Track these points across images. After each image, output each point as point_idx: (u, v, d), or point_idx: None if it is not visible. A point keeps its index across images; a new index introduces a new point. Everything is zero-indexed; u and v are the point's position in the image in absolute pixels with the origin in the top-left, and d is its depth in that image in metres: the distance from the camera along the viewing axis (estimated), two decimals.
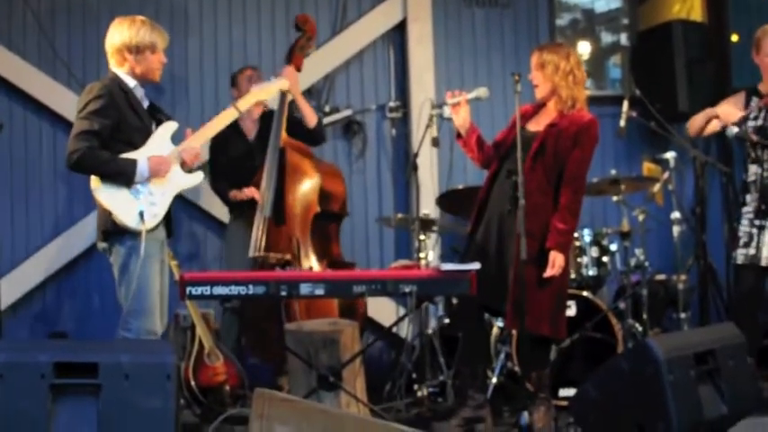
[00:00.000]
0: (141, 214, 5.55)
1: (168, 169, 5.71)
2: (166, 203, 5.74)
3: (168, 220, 5.89)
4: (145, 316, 5.60)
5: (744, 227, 6.39)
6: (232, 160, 7.43)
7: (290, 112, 7.39)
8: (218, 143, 7.35)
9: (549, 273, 5.83)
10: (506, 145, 6.12)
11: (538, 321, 5.83)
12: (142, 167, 5.59)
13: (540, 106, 6.20)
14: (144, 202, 5.61)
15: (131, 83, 5.78)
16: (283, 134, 7.21)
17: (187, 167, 5.85)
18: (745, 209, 6.43)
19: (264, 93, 6.39)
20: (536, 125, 6.11)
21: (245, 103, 6.21)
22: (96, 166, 5.55)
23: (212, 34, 8.61)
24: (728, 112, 6.30)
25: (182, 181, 5.83)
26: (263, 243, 6.89)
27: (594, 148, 6.07)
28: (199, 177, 5.95)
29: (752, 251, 6.27)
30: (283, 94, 7.26)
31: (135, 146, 5.69)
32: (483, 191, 6.20)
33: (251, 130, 7.52)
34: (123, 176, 5.57)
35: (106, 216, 5.63)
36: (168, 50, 7.51)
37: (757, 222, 6.30)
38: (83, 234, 7.97)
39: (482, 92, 6.15)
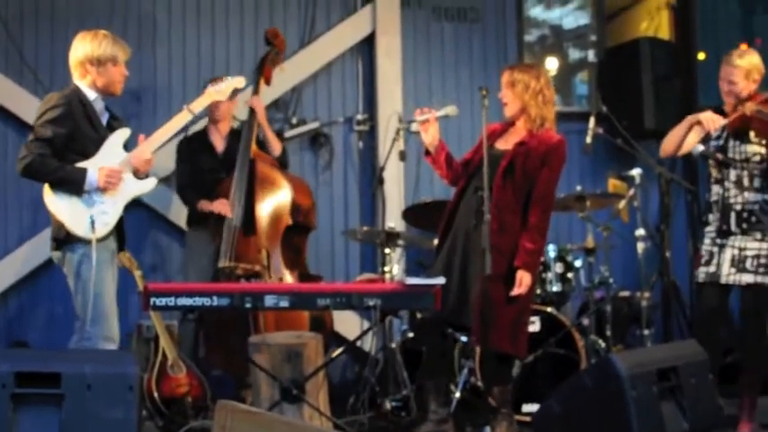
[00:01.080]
0: (92, 222, 5.62)
1: (119, 180, 5.76)
2: (118, 212, 5.79)
3: (120, 232, 5.94)
4: (101, 322, 5.66)
5: (706, 246, 6.43)
6: (199, 172, 7.42)
7: (257, 134, 7.43)
8: (185, 154, 7.35)
9: (516, 291, 5.82)
10: (475, 163, 6.11)
11: (501, 339, 5.84)
12: (91, 177, 5.66)
13: (508, 125, 6.21)
14: (95, 210, 5.68)
15: (92, 95, 5.86)
16: (253, 146, 7.23)
17: (140, 174, 5.90)
18: (707, 228, 6.47)
19: (219, 93, 6.36)
20: (505, 144, 6.11)
21: (198, 105, 6.24)
22: (45, 174, 5.63)
23: (181, 44, 8.59)
24: (712, 118, 6.29)
25: (134, 188, 5.89)
26: (233, 253, 6.90)
27: (562, 168, 6.09)
28: (152, 183, 5.99)
29: (712, 269, 6.30)
30: (252, 117, 7.29)
31: (89, 157, 5.76)
32: (450, 206, 6.20)
33: (219, 145, 7.50)
34: (72, 185, 5.65)
35: (58, 225, 5.71)
36: (136, 60, 7.51)
37: (718, 241, 6.33)
38: (45, 243, 7.88)
39: (451, 110, 6.15)
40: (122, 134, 5.93)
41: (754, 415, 6.31)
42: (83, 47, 5.87)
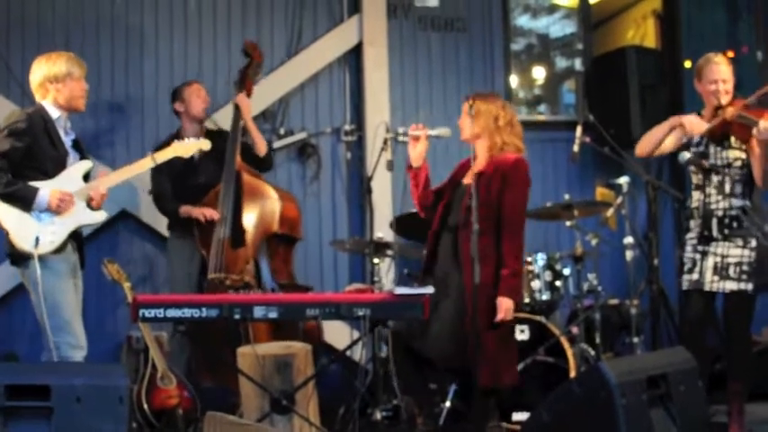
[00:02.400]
0: (37, 239, 5.79)
1: (69, 206, 5.92)
2: (64, 234, 5.92)
3: (80, 251, 6.15)
4: (65, 331, 5.82)
5: (688, 253, 6.43)
6: (173, 178, 7.40)
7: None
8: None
9: (500, 317, 5.78)
10: (445, 198, 6.15)
11: (483, 374, 5.79)
12: (42, 198, 5.83)
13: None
14: (43, 228, 5.85)
15: (55, 114, 6.05)
16: (237, 157, 7.23)
17: (93, 205, 6.06)
18: (688, 235, 6.47)
19: (184, 149, 6.44)
20: (468, 178, 6.06)
21: (162, 156, 6.36)
22: None
23: (168, 56, 8.59)
24: (695, 121, 6.31)
25: (84, 217, 6.06)
26: (222, 264, 6.90)
27: (527, 188, 6.03)
28: (102, 216, 6.19)
29: (695, 276, 6.31)
30: (237, 117, 7.30)
31: (46, 173, 5.93)
32: (429, 248, 6.17)
33: None
34: (22, 201, 5.83)
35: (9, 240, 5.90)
36: (124, 70, 7.52)
37: (700, 248, 6.34)
38: None
39: (444, 131, 6.22)
40: (84, 165, 6.13)
41: (743, 421, 6.32)
42: (39, 69, 6.10)
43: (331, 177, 8.92)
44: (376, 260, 7.50)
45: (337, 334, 8.31)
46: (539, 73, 9.94)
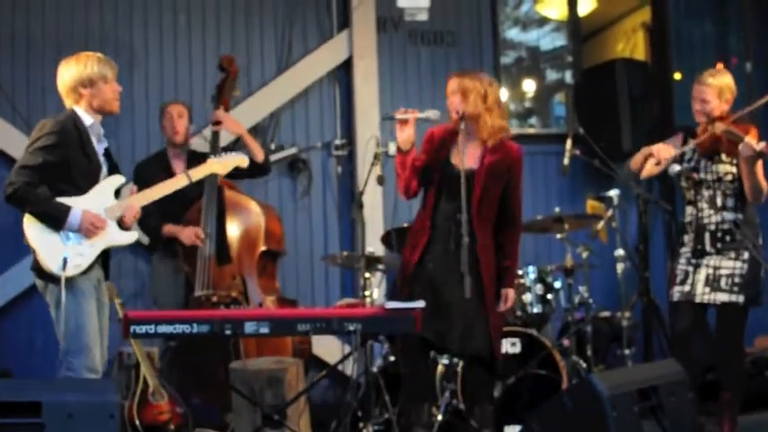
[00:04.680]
0: (65, 261, 5.51)
1: (99, 230, 5.65)
2: (93, 255, 5.68)
3: (105, 263, 5.88)
4: (83, 354, 5.57)
5: (681, 266, 6.46)
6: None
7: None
8: (142, 178, 7.17)
9: (503, 307, 5.93)
10: (437, 179, 6.05)
11: (490, 347, 5.88)
12: (74, 218, 5.56)
13: (454, 133, 6.03)
14: (71, 249, 5.58)
15: (89, 120, 5.74)
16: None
17: (125, 225, 5.83)
18: (682, 249, 6.50)
19: (221, 166, 6.24)
20: (461, 160, 5.92)
21: (197, 173, 6.10)
22: (29, 203, 5.53)
23: (158, 70, 8.60)
24: (662, 148, 6.38)
25: (115, 237, 5.78)
26: (208, 281, 6.89)
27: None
28: (133, 237, 5.89)
29: (687, 288, 6.34)
30: (215, 134, 7.28)
31: (78, 186, 5.66)
32: (426, 228, 6.10)
33: (179, 167, 7.32)
34: (53, 220, 5.56)
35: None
36: None
37: (693, 261, 6.37)
38: (26, 271, 7.84)
39: (433, 113, 6.01)
40: (117, 180, 5.85)
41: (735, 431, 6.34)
42: (69, 72, 5.76)
43: (322, 192, 8.93)
44: (367, 274, 7.50)
45: (328, 348, 8.30)
46: (529, 86, 9.97)
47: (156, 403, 6.83)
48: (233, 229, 7.14)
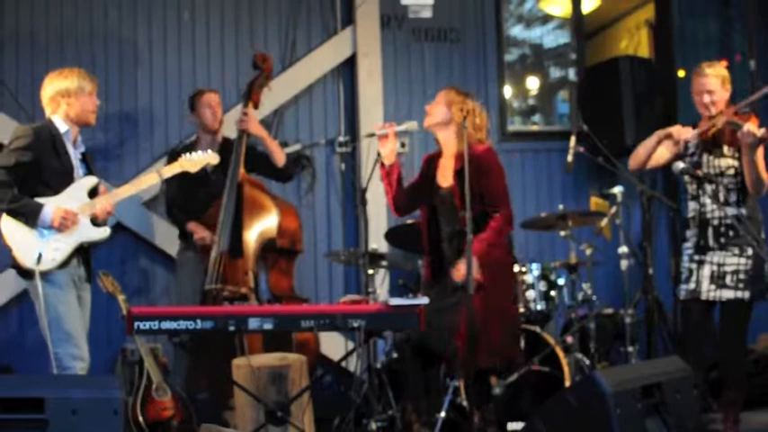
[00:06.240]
0: (39, 256, 5.82)
1: (73, 224, 5.94)
2: (68, 251, 5.95)
3: (87, 264, 6.17)
4: (67, 342, 5.85)
5: (685, 262, 6.46)
6: (186, 186, 7.38)
7: (256, 147, 7.45)
8: None
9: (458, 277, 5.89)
10: (426, 199, 6.25)
11: (489, 356, 5.87)
12: (46, 214, 5.87)
13: (439, 154, 6.27)
14: (46, 245, 5.89)
15: (63, 128, 6.08)
16: (240, 169, 7.24)
17: (98, 221, 6.10)
18: (685, 245, 6.50)
19: (191, 164, 6.41)
20: (444, 179, 6.17)
21: (168, 171, 6.38)
22: (3, 201, 5.84)
23: (162, 67, 8.58)
24: (681, 129, 6.36)
25: (89, 233, 6.07)
26: (220, 276, 6.92)
27: (502, 173, 6.15)
28: (105, 233, 6.15)
29: (692, 285, 6.33)
30: (242, 131, 7.32)
31: (51, 187, 5.97)
32: (425, 247, 6.28)
33: None
34: (26, 217, 5.87)
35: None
36: (117, 84, 7.50)
37: (697, 257, 6.37)
38: None
39: (410, 125, 6.22)
40: (90, 181, 6.15)
41: (739, 429, 6.33)
42: (51, 84, 6.14)
43: (325, 189, 8.93)
44: (370, 271, 7.49)
45: (332, 345, 8.30)
46: (532, 83, 9.96)
47: (160, 399, 6.83)
48: (249, 226, 7.16)
